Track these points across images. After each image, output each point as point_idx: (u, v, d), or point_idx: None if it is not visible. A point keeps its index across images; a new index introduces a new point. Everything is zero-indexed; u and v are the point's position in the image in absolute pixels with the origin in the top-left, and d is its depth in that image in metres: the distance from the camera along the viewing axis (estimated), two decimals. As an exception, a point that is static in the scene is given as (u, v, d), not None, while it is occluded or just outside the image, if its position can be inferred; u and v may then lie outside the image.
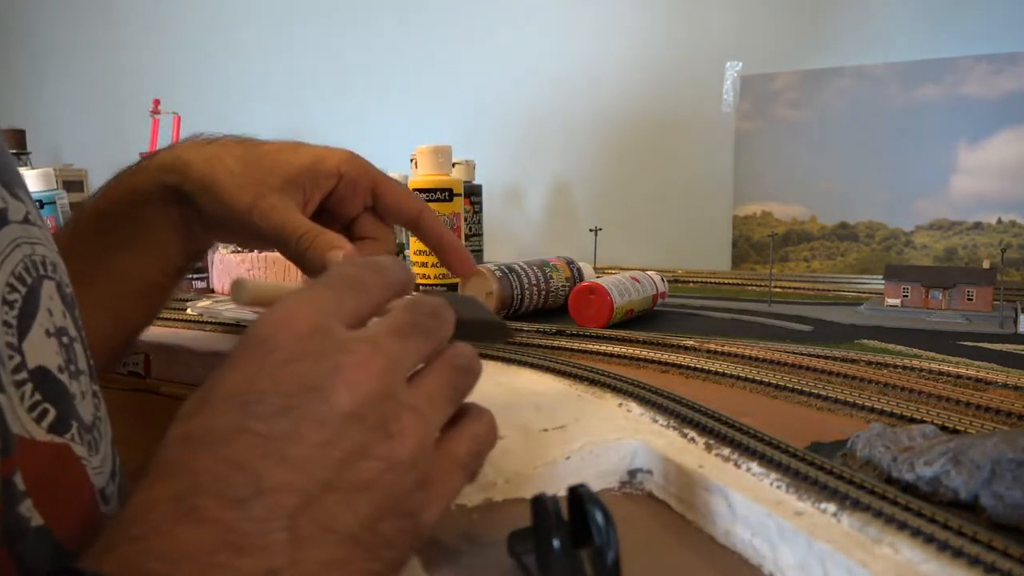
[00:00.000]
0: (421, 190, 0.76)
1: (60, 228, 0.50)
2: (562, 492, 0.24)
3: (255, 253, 0.87)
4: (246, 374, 0.24)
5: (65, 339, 0.30)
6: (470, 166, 1.00)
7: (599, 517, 0.23)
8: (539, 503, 0.24)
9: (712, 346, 0.54)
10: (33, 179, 0.88)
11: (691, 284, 0.94)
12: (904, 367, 0.47)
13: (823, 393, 0.43)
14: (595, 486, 0.33)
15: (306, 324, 0.25)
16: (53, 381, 0.28)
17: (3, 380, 0.25)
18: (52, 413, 0.27)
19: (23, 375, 0.26)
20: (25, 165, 1.20)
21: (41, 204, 0.87)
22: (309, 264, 0.43)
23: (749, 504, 0.27)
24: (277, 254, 0.86)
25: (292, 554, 0.22)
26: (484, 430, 0.28)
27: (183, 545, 0.21)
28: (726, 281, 0.93)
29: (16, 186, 0.29)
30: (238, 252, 0.89)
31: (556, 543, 0.22)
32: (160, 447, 0.23)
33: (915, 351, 0.54)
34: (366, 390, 0.24)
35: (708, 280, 0.94)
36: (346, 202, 0.47)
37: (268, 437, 0.23)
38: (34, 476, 0.26)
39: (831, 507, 0.26)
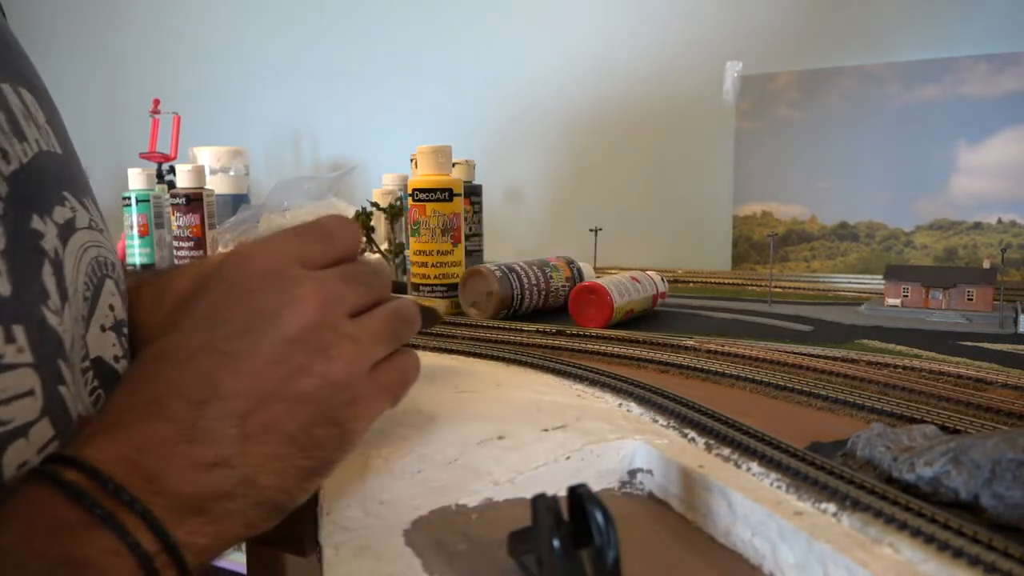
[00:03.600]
0: (421, 190, 0.76)
1: None
2: (562, 492, 0.24)
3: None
4: (214, 303, 0.29)
5: (125, 330, 0.35)
6: (470, 166, 1.00)
7: (599, 517, 0.23)
8: (539, 503, 0.24)
9: (712, 346, 0.54)
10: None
11: (691, 284, 0.94)
12: (904, 367, 0.47)
13: (823, 393, 0.42)
14: (595, 486, 0.33)
15: (264, 263, 0.30)
16: (108, 370, 0.32)
17: (71, 371, 0.29)
18: (104, 399, 0.31)
19: (87, 364, 0.31)
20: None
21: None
22: None
23: (749, 504, 0.27)
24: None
25: (240, 447, 0.26)
26: (410, 365, 0.33)
27: (151, 437, 0.25)
28: (726, 281, 0.93)
29: (84, 195, 0.34)
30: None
31: (556, 543, 0.22)
32: (135, 363, 0.28)
33: (915, 351, 0.54)
34: (311, 319, 0.29)
35: (708, 280, 0.94)
36: None
37: (228, 353, 0.27)
38: None
39: (831, 507, 0.26)
